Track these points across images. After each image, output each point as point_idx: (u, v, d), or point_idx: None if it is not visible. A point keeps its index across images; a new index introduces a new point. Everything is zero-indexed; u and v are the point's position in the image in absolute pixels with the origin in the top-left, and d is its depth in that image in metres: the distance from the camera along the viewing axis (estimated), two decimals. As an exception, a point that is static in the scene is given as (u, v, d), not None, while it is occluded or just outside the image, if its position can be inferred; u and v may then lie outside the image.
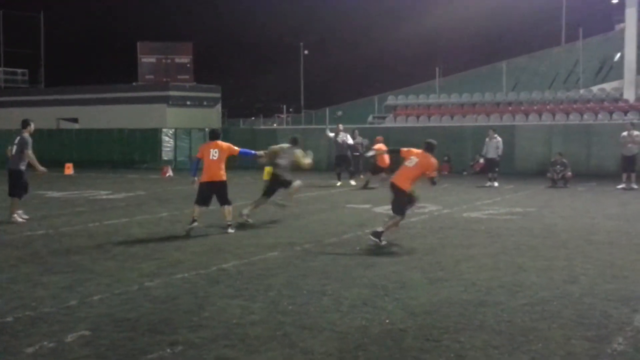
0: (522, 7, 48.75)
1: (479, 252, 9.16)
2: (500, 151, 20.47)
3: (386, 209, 14.37)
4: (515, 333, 5.49)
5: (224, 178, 11.46)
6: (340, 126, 22.79)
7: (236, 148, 11.73)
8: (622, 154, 19.30)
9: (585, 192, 18.26)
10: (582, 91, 29.33)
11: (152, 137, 32.94)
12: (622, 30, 29.03)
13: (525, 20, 55.24)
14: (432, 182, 10.37)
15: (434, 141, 10.39)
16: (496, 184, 20.16)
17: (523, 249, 9.38)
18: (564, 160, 20.65)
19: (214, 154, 11.27)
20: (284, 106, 38.57)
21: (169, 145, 32.88)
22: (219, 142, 11.60)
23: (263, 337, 5.49)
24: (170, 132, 33.10)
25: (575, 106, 27.44)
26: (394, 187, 10.18)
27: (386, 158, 19.69)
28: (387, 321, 5.89)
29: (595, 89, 29.38)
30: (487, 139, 20.81)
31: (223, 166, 11.40)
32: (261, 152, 12.91)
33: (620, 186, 18.98)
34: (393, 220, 10.04)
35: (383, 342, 5.34)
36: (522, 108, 28.65)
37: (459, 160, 26.99)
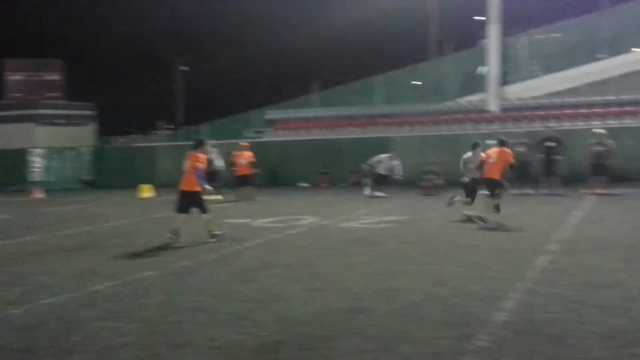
0: (392, 23, 50.64)
1: (354, 261, 9.35)
2: (394, 172, 20.96)
3: (266, 221, 14.49)
4: (387, 337, 5.64)
5: (195, 188, 11.76)
6: (209, 142, 22.66)
7: (199, 163, 11.91)
8: None
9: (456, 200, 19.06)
10: (450, 103, 30.75)
11: (18, 158, 31.40)
12: (485, 46, 30.72)
13: (397, 36, 57.37)
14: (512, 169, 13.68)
15: (504, 137, 13.79)
16: (377, 193, 20.60)
17: (396, 256, 9.67)
18: (436, 170, 21.55)
19: (185, 164, 11.88)
20: (160, 123, 37.89)
21: (38, 165, 31.44)
22: (194, 153, 11.95)
23: (135, 359, 5.35)
24: (40, 151, 31.67)
25: (444, 117, 28.70)
26: (488, 180, 13.21)
27: (246, 168, 20.14)
28: (264, 334, 5.89)
29: (462, 100, 30.88)
30: (385, 156, 21.23)
31: (193, 177, 11.73)
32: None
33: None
34: (490, 202, 13.10)
35: (259, 355, 5.35)
36: (396, 120, 29.62)
37: (338, 172, 27.52)
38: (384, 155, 21.34)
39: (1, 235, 13.66)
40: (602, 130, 20.08)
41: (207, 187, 12.27)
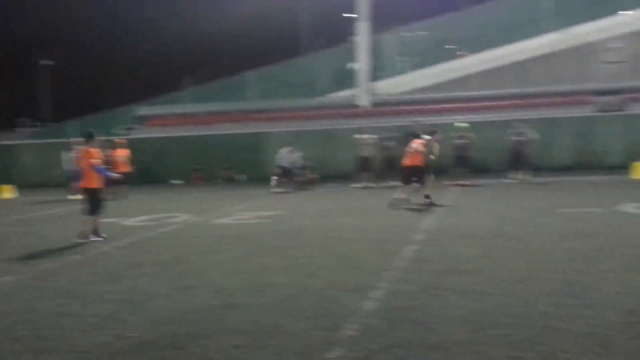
0: (264, 20, 50.70)
1: (227, 257, 9.29)
2: (296, 165, 21.30)
3: (137, 220, 14.09)
4: (260, 331, 5.65)
5: (93, 185, 11.24)
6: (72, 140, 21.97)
7: (93, 159, 11.26)
8: (359, 155, 20.85)
9: (328, 193, 19.43)
10: (322, 98, 31.20)
11: None
12: (356, 42, 31.40)
13: (269, 33, 57.40)
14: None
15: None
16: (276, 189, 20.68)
17: (269, 250, 9.70)
18: (309, 164, 21.82)
19: (78, 161, 11.61)
20: (23, 120, 35.70)
21: None
22: (85, 148, 11.39)
23: (-8, 368, 5.05)
24: None
25: (316, 112, 29.09)
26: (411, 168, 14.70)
27: (123, 165, 19.52)
28: (132, 335, 5.73)
29: (333, 96, 31.44)
30: (286, 150, 21.11)
31: (92, 174, 11.21)
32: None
33: (357, 185, 20.46)
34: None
35: (126, 357, 5.19)
36: (269, 115, 29.69)
37: (211, 168, 27.25)
38: (284, 150, 21.28)
39: None
40: (464, 124, 21.05)
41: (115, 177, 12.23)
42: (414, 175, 14.78)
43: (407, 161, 14.92)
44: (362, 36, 30.15)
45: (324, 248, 9.73)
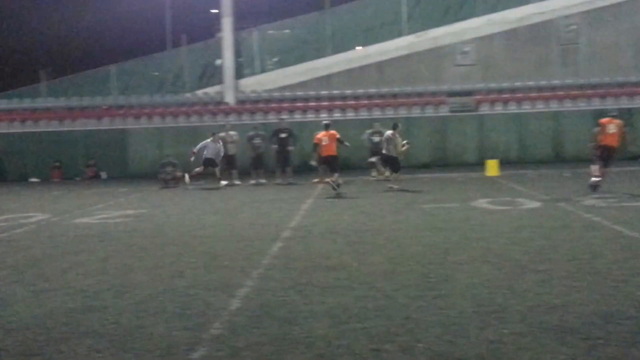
0: (128, 12, 49.12)
1: (88, 258, 8.97)
2: (219, 155, 20.37)
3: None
4: (121, 334, 5.51)
5: None
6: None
7: None
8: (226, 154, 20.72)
9: (194, 191, 19.18)
10: (188, 95, 30.67)
11: None
12: (221, 38, 31.17)
13: (132, 25, 55.63)
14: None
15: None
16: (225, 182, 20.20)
17: (133, 250, 9.46)
18: (174, 161, 21.43)
19: None
20: None
21: None
22: None
23: None
24: None
25: (183, 109, 28.58)
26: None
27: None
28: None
29: (200, 92, 30.98)
30: (209, 140, 20.38)
31: None
32: None
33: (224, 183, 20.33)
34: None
35: (-24, 367, 4.91)
36: (133, 111, 28.82)
37: (71, 165, 26.13)
38: (208, 140, 20.42)
39: None
40: (378, 124, 21.51)
41: None
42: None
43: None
44: (226, 32, 29.96)
45: (189, 246, 9.62)
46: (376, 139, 20.51)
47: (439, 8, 30.74)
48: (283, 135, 21.10)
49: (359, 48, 31.14)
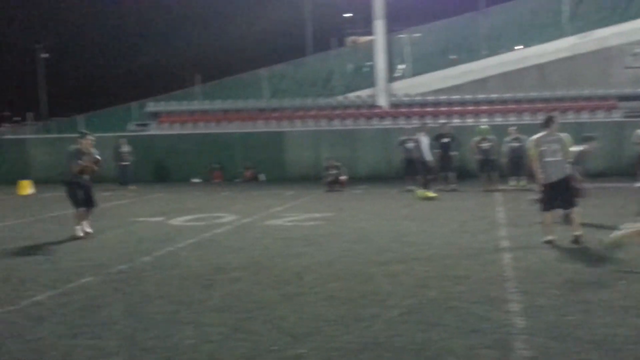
0: (275, 17, 50.29)
1: (311, 262, 8.84)
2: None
3: (183, 220, 13.59)
4: (416, 348, 5.23)
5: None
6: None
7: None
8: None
9: (363, 195, 18.99)
10: (340, 98, 30.73)
11: None
12: (362, 43, 31.13)
13: (280, 30, 56.93)
14: None
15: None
16: None
17: (352, 255, 9.26)
18: (338, 164, 21.36)
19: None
20: (29, 114, 34.93)
21: None
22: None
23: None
24: None
25: (336, 112, 28.63)
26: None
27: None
28: (275, 348, 5.30)
29: (352, 95, 30.98)
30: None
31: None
32: None
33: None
34: None
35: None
36: (286, 114, 29.20)
37: (230, 167, 26.71)
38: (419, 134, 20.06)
39: None
40: (486, 127, 20.65)
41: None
42: None
43: None
44: (379, 35, 29.70)
45: (404, 253, 9.31)
46: (515, 145, 19.64)
47: (605, 7, 29.12)
48: (445, 140, 20.51)
49: (518, 48, 30.03)
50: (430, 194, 17.42)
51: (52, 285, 7.76)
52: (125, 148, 23.52)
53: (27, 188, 22.14)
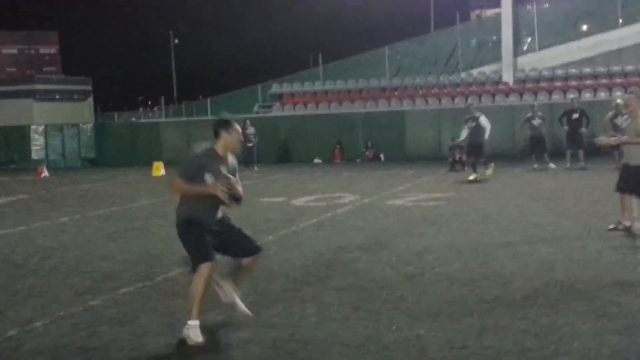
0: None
1: (433, 243, 8.78)
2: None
3: (305, 200, 13.86)
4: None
5: None
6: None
7: None
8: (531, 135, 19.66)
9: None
10: (463, 75, 30.09)
11: (19, 135, 30.52)
12: (488, 17, 30.18)
13: (400, 5, 56.36)
14: None
15: None
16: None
17: (474, 236, 9.11)
18: (461, 144, 20.95)
19: None
20: (162, 97, 36.93)
21: (38, 143, 30.56)
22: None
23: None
24: (40, 128, 30.76)
25: (459, 90, 28.09)
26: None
27: None
28: (394, 328, 5.33)
29: (475, 72, 30.24)
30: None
31: None
32: None
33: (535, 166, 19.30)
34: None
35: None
36: (408, 93, 28.98)
37: (351, 147, 26.86)
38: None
39: (31, 217, 12.93)
40: (621, 101, 19.48)
41: None
42: None
43: None
44: (505, 8, 28.75)
45: (528, 234, 9.02)
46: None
47: None
48: (575, 115, 19.61)
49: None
50: (488, 173, 17.05)
51: (184, 262, 8.15)
52: (250, 130, 24.19)
53: (160, 169, 23.29)
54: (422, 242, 8.85)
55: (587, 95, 24.50)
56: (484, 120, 17.10)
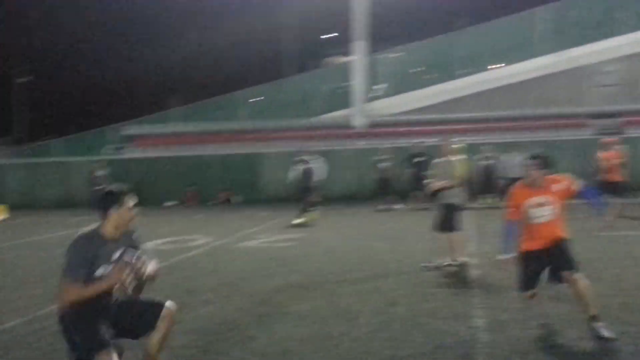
0: (250, 38, 50.55)
1: (283, 282, 8.89)
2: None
3: (156, 243, 13.55)
4: None
5: None
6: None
7: None
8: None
9: (337, 215, 19.09)
10: (316, 119, 30.88)
11: None
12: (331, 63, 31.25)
13: (255, 51, 57.30)
14: None
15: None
16: None
17: (323, 275, 9.33)
18: (315, 185, 21.42)
19: None
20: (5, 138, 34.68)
21: None
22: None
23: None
24: None
25: (312, 133, 28.73)
26: None
27: None
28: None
29: (327, 117, 31.15)
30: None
31: None
32: None
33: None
34: None
35: None
36: (262, 135, 29.28)
37: (205, 190, 26.63)
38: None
39: None
40: (460, 146, 20.74)
41: None
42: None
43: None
44: (358, 56, 29.95)
45: (375, 273, 9.37)
46: (486, 163, 20.15)
47: (576, 28, 29.67)
48: (419, 159, 20.74)
49: (493, 67, 30.47)
50: (311, 216, 16.77)
51: (24, 312, 7.72)
52: (100, 172, 23.42)
53: (2, 213, 21.95)
54: (273, 282, 8.93)
55: (430, 140, 25.90)
56: (314, 163, 17.19)
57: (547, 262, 5.97)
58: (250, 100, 34.12)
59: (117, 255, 4.59)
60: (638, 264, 9.25)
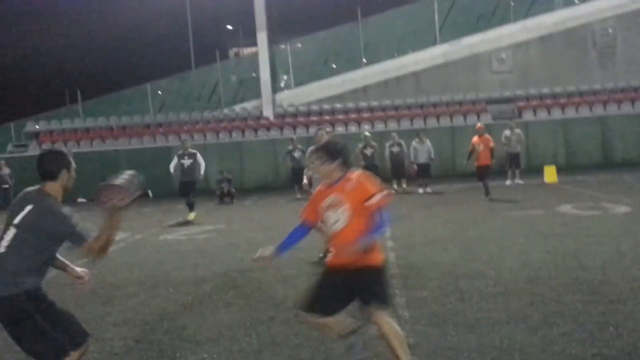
0: (154, 30, 49.66)
1: (207, 272, 9.12)
2: (432, 155, 20.04)
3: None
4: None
5: None
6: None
7: None
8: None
9: (253, 206, 19.35)
10: (225, 110, 30.94)
11: None
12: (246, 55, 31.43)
13: (160, 43, 56.28)
14: None
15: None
16: (429, 189, 19.64)
17: (245, 264, 9.59)
18: (229, 177, 21.64)
19: None
20: None
21: None
22: None
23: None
24: None
25: (222, 125, 28.82)
26: None
27: None
28: (177, 355, 5.56)
29: (237, 108, 31.26)
30: (414, 143, 20.01)
31: None
32: None
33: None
34: None
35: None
36: (173, 129, 29.09)
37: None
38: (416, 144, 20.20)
39: None
40: (368, 133, 21.40)
41: None
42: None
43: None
44: (262, 47, 30.21)
45: (296, 259, 9.74)
46: (395, 149, 20.69)
47: (472, 16, 30.99)
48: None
49: (395, 57, 31.38)
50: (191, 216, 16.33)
51: None
52: (6, 170, 22.74)
53: None
54: (197, 272, 9.16)
55: (339, 129, 26.55)
56: (199, 157, 16.70)
57: (352, 288, 4.65)
58: (159, 92, 33.74)
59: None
60: (544, 240, 10.02)
